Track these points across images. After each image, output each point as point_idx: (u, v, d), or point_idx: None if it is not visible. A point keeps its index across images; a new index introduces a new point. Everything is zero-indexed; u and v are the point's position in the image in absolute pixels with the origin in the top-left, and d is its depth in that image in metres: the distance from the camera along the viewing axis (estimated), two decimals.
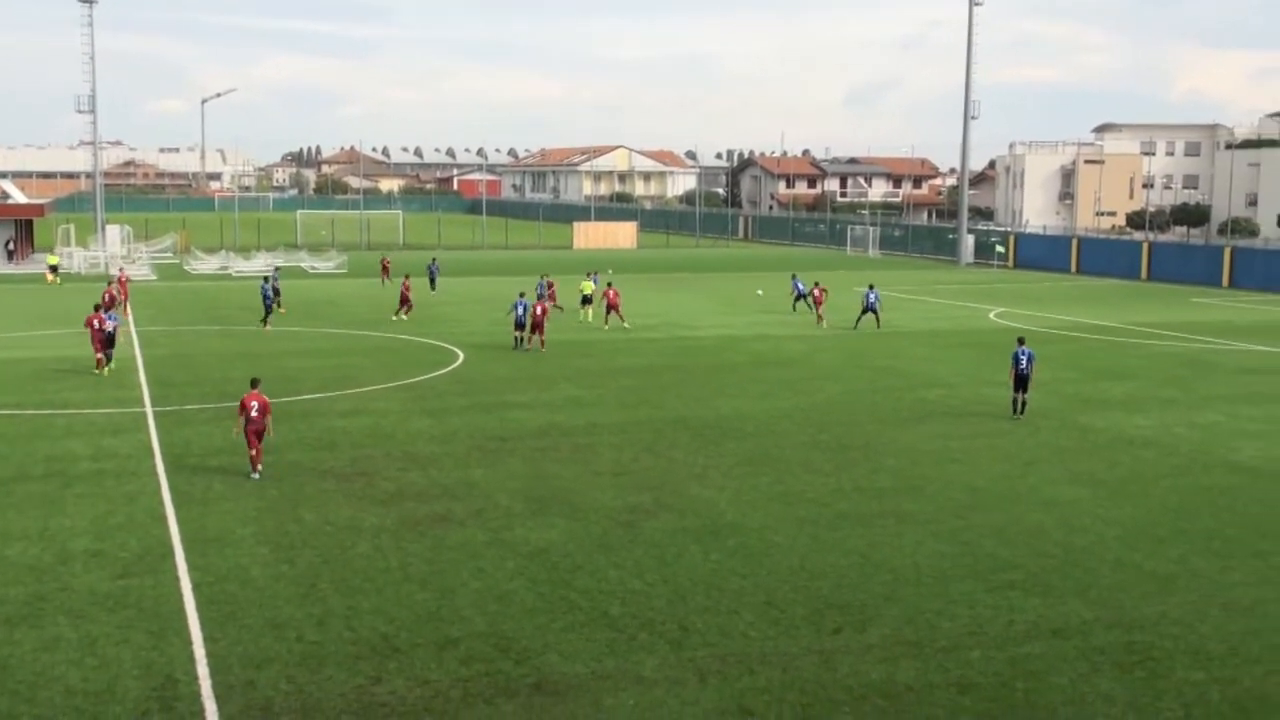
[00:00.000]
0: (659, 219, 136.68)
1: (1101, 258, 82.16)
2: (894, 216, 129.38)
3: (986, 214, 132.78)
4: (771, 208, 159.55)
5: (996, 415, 30.69)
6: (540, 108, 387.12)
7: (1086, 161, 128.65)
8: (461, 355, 40.11)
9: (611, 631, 15.97)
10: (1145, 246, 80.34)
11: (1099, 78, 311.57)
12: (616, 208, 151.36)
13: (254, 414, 23.25)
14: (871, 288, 50.16)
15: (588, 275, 51.40)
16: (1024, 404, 30.48)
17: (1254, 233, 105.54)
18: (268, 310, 47.64)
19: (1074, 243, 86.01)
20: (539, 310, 41.38)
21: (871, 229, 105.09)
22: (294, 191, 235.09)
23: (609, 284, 49.99)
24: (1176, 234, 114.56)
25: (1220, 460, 26.01)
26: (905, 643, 15.71)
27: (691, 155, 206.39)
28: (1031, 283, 73.98)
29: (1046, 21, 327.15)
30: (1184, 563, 19.10)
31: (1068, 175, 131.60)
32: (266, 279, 50.43)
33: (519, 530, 20.38)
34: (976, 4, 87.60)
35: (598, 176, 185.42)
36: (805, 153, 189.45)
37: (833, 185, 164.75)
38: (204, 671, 14.49)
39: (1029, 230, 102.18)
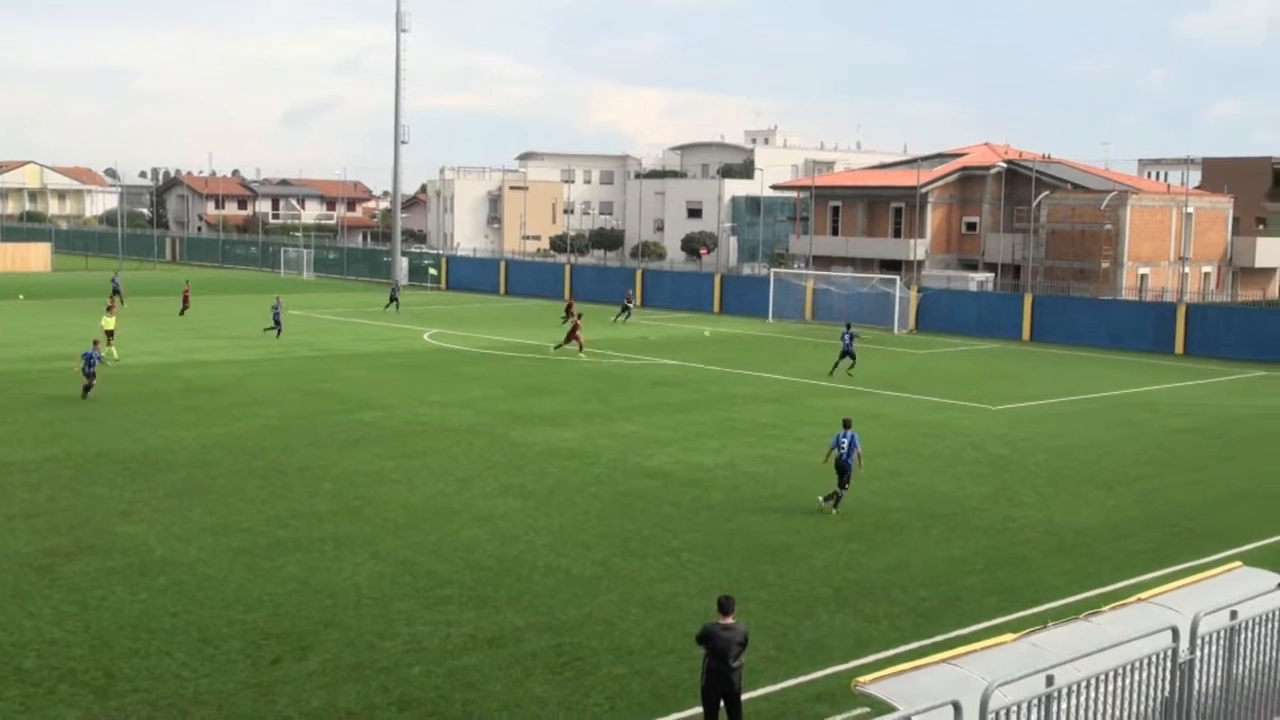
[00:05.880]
0: (77, 240, 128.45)
1: (528, 279, 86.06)
2: (328, 239, 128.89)
3: (420, 237, 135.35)
4: (200, 229, 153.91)
5: (429, 434, 31.33)
6: None
7: (512, 188, 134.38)
8: None
9: (27, 687, 14.76)
10: (567, 269, 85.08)
11: (522, 107, 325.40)
12: (27, 228, 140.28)
13: None
14: (849, 327, 46.24)
15: (108, 310, 47.91)
16: (837, 498, 24.00)
17: (662, 256, 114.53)
18: None
19: (502, 265, 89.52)
20: None
21: (305, 251, 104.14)
22: None
23: (579, 314, 51.97)
24: (595, 257, 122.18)
25: (637, 467, 28.01)
26: (346, 666, 15.69)
27: (112, 173, 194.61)
28: (464, 304, 76.17)
29: (474, 52, 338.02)
30: (607, 565, 20.40)
31: (495, 200, 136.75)
32: None
33: None
34: (404, 30, 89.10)
35: (4, 194, 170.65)
36: (235, 173, 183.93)
37: (265, 207, 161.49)
38: None
39: (460, 253, 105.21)
